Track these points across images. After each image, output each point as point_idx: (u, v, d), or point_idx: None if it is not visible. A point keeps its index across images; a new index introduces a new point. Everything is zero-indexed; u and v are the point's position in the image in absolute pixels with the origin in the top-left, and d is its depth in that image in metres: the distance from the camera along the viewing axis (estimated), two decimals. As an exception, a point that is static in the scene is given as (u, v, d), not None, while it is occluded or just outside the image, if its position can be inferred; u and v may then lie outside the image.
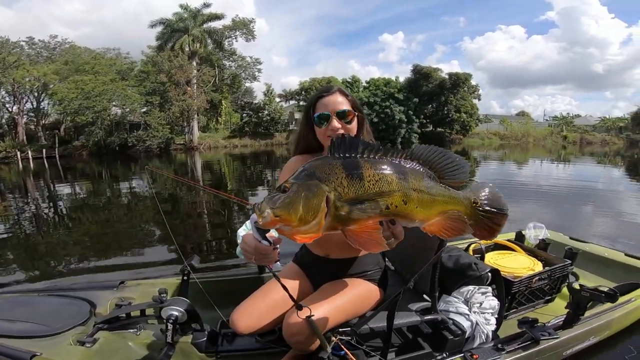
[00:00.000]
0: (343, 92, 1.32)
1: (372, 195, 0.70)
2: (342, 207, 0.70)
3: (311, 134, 1.34)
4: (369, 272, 1.45)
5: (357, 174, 0.70)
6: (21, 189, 10.55)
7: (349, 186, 0.70)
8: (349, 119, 1.27)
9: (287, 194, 0.69)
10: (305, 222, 0.68)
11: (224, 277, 2.11)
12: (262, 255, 0.95)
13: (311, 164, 0.74)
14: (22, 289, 2.29)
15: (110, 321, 1.53)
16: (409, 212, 0.73)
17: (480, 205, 0.80)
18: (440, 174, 0.78)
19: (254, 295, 1.42)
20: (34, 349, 1.25)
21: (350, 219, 0.70)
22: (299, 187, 0.69)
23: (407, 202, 0.72)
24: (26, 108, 26.35)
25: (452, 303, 1.60)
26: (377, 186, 0.70)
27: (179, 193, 8.30)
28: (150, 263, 3.63)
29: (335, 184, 0.70)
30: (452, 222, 0.77)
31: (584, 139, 36.07)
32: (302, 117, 1.39)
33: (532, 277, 1.79)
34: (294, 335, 1.21)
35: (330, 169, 0.71)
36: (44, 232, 5.17)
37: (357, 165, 0.71)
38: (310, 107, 1.33)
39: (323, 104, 1.28)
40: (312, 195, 0.68)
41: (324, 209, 0.68)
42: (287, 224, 0.69)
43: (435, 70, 30.51)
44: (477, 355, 1.36)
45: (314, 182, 0.69)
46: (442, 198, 0.76)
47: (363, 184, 0.70)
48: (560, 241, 2.49)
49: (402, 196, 0.71)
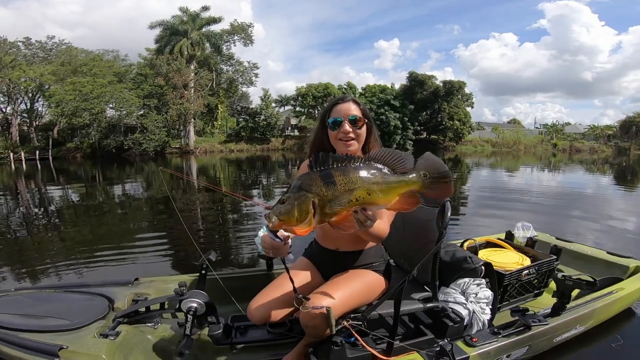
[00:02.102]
0: (356, 101, 1.49)
1: (344, 193, 0.95)
2: (325, 207, 0.96)
3: (325, 138, 1.51)
4: (375, 264, 1.59)
5: (331, 181, 0.96)
6: (28, 188, 10.52)
7: (327, 191, 0.95)
8: (359, 125, 1.44)
9: (285, 205, 0.95)
10: (301, 221, 0.94)
11: (235, 274, 2.21)
12: (275, 249, 1.25)
13: (299, 180, 0.99)
14: (40, 285, 2.32)
15: (129, 315, 1.59)
16: (373, 200, 0.98)
17: (429, 176, 1.04)
18: (392, 167, 1.01)
19: (269, 288, 1.55)
20: (60, 342, 1.30)
21: (332, 213, 0.96)
22: (292, 198, 0.95)
23: (370, 193, 0.97)
24: (20, 109, 26.15)
25: (450, 294, 1.76)
26: (346, 187, 0.95)
27: (184, 194, 8.40)
28: (163, 260, 3.75)
29: (316, 191, 0.95)
30: (407, 199, 1.02)
31: (573, 146, 36.78)
32: (318, 122, 1.55)
33: (521, 271, 1.96)
34: (310, 321, 1.32)
35: (312, 181, 0.96)
36: (54, 231, 5.24)
37: (330, 174, 0.96)
38: (326, 113, 1.50)
39: (337, 110, 1.46)
40: (302, 202, 0.94)
41: (311, 210, 0.94)
42: (288, 225, 0.96)
43: (430, 78, 31.02)
44: (476, 338, 1.51)
45: (302, 193, 0.95)
46: (396, 184, 1.00)
47: (336, 187, 0.95)
48: (546, 241, 2.67)
49: (365, 190, 0.96)
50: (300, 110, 32.85)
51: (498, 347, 1.53)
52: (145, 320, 1.63)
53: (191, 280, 2.03)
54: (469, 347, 1.49)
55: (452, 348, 1.41)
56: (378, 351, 1.43)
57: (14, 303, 1.65)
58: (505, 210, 6.10)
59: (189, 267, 3.49)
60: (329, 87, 31.61)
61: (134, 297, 1.80)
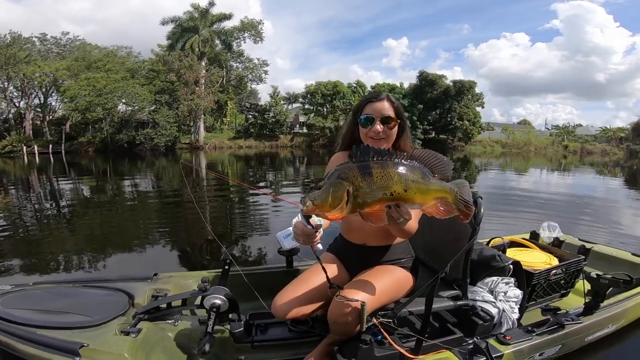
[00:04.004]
0: (390, 99, 1.47)
1: (379, 187, 0.96)
2: (358, 197, 0.97)
3: (356, 133, 1.49)
4: (402, 260, 1.56)
5: (368, 173, 0.97)
6: (41, 182, 10.69)
7: (362, 181, 0.96)
8: (391, 126, 1.43)
9: (321, 190, 0.97)
10: (333, 208, 0.95)
11: (253, 270, 2.16)
12: (307, 236, 1.25)
13: (337, 168, 1.00)
14: (58, 279, 2.27)
15: (149, 311, 1.55)
16: (409, 197, 0.98)
17: (460, 196, 1.05)
18: (432, 169, 1.02)
19: (294, 283, 1.51)
20: (80, 340, 1.26)
21: (364, 204, 0.97)
22: (328, 185, 0.96)
23: (406, 190, 0.97)
24: (33, 103, 26.58)
25: (478, 292, 1.74)
26: (382, 180, 0.96)
27: (198, 188, 8.44)
28: (180, 255, 3.77)
29: (352, 181, 0.96)
30: (444, 206, 1.03)
31: (584, 148, 36.22)
32: (350, 117, 1.54)
33: (550, 270, 1.93)
34: (342, 316, 1.28)
35: (349, 170, 0.98)
36: (70, 224, 5.32)
37: (368, 166, 0.98)
38: (359, 109, 1.47)
39: (371, 108, 1.44)
40: (336, 189, 0.95)
41: (345, 198, 0.95)
42: (321, 210, 0.96)
43: (440, 77, 30.74)
44: (509, 336, 1.49)
45: (338, 180, 0.97)
46: (434, 187, 1.00)
47: (372, 179, 0.96)
48: (570, 242, 2.63)
49: (402, 186, 0.97)
50: (309, 107, 32.86)
51: (532, 345, 1.51)
52: (165, 317, 1.60)
53: (211, 275, 1.98)
54: (502, 345, 1.47)
55: (487, 346, 1.38)
56: (406, 349, 1.40)
57: (32, 298, 1.62)
58: (518, 212, 6.02)
59: (207, 262, 3.51)
60: (338, 85, 31.51)
61: (153, 292, 1.76)
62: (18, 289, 1.70)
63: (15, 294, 1.64)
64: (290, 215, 5.30)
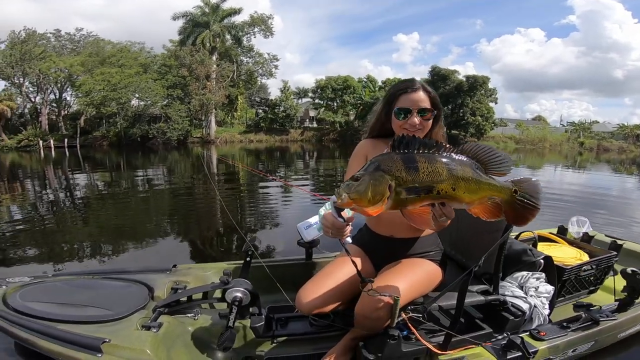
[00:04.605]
0: (426, 89, 1.37)
1: (425, 183, 0.87)
2: (401, 192, 0.88)
3: (388, 124, 1.42)
4: (431, 253, 1.51)
5: (413, 167, 0.88)
6: (58, 175, 10.91)
7: (407, 176, 0.88)
8: (428, 117, 1.35)
9: (359, 182, 0.88)
10: (373, 203, 0.87)
11: (274, 263, 2.11)
12: (337, 229, 1.13)
13: (377, 159, 0.92)
14: (77, 271, 2.30)
15: (170, 305, 1.51)
16: (457, 196, 0.90)
17: (520, 195, 0.94)
18: (486, 166, 0.93)
19: (318, 277, 1.46)
20: (101, 335, 1.24)
21: (407, 201, 0.89)
22: (367, 177, 0.88)
23: (455, 189, 0.89)
24: (49, 99, 27.10)
25: (507, 287, 1.69)
26: (429, 176, 0.88)
27: (210, 182, 8.49)
28: (199, 246, 3.77)
29: (395, 174, 0.88)
30: (490, 206, 0.94)
31: (601, 146, 35.32)
32: (381, 105, 1.45)
33: (581, 266, 1.87)
34: (373, 311, 1.24)
35: (392, 163, 0.89)
36: (89, 216, 5.40)
37: (413, 159, 0.89)
38: (392, 99, 1.39)
39: (406, 99, 1.34)
40: (377, 183, 0.87)
41: (387, 193, 0.87)
42: (359, 204, 0.88)
43: (452, 73, 30.30)
44: (544, 332, 1.45)
45: (379, 173, 0.88)
46: (485, 186, 0.91)
47: (418, 174, 0.88)
48: (599, 238, 2.55)
49: (450, 184, 0.88)
50: (319, 102, 32.73)
51: (567, 341, 1.47)
52: (185, 311, 1.56)
53: (230, 267, 1.95)
54: (537, 340, 1.43)
55: (523, 341, 1.34)
56: (433, 345, 1.36)
57: (51, 290, 1.60)
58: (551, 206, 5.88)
59: (222, 254, 3.51)
60: (348, 80, 31.32)
61: (172, 285, 1.73)
62: (37, 281, 1.69)
63: (34, 286, 1.62)
64: (304, 207, 5.25)
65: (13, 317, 1.34)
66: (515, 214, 0.97)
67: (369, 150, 1.49)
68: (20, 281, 1.67)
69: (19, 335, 1.27)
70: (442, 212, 0.94)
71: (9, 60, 23.58)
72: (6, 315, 1.35)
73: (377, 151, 1.22)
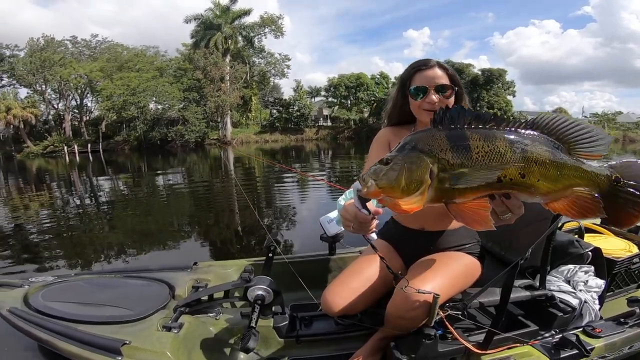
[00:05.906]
0: (442, 65, 1.28)
1: (481, 167, 0.66)
2: (446, 180, 0.68)
3: (406, 106, 1.31)
4: (468, 245, 1.39)
5: (463, 146, 0.67)
6: (88, 179, 11.22)
7: (454, 157, 0.67)
8: (448, 94, 1.24)
9: (390, 166, 0.69)
10: (408, 194, 0.68)
11: (296, 259, 2.02)
12: (360, 223, 0.97)
13: (413, 137, 0.73)
14: (99, 270, 2.27)
15: (190, 304, 1.46)
16: (528, 185, 0.68)
17: (624, 185, 0.68)
18: (570, 145, 0.70)
19: (345, 275, 1.36)
20: (121, 336, 1.21)
21: (455, 192, 0.68)
22: (401, 159, 0.69)
23: (525, 175, 0.67)
24: (71, 105, 28.00)
25: (553, 282, 1.55)
26: (486, 158, 0.66)
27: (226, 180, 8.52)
28: (219, 243, 3.76)
29: (438, 155, 0.68)
30: (582, 202, 0.69)
31: (626, 136, 34.04)
32: (396, 89, 1.35)
33: (632, 258, 1.71)
34: (409, 310, 1.12)
35: (434, 141, 0.69)
36: (111, 216, 5.50)
37: (463, 136, 0.68)
38: (407, 80, 1.29)
39: (421, 77, 1.24)
40: (415, 167, 0.68)
41: (427, 181, 0.67)
42: (390, 195, 0.69)
43: (467, 66, 29.79)
44: (599, 329, 1.32)
45: (416, 153, 0.69)
46: (570, 172, 0.68)
47: (470, 155, 0.67)
48: None
49: (519, 168, 0.67)
50: (333, 100, 32.64)
51: (625, 338, 1.33)
52: (206, 310, 1.50)
53: (250, 264, 1.87)
54: (592, 338, 1.29)
55: (579, 339, 1.21)
56: (472, 344, 1.24)
57: (73, 289, 1.58)
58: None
59: (241, 250, 3.47)
60: (361, 77, 31.12)
61: (193, 283, 1.67)
62: (60, 280, 1.68)
63: (57, 285, 1.62)
64: (326, 201, 5.13)
65: (34, 317, 1.32)
66: (619, 211, 0.71)
67: (391, 138, 1.38)
68: (43, 281, 1.66)
69: (39, 336, 1.24)
70: (506, 206, 0.73)
71: (30, 67, 24.37)
72: (26, 316, 1.33)
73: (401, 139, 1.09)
